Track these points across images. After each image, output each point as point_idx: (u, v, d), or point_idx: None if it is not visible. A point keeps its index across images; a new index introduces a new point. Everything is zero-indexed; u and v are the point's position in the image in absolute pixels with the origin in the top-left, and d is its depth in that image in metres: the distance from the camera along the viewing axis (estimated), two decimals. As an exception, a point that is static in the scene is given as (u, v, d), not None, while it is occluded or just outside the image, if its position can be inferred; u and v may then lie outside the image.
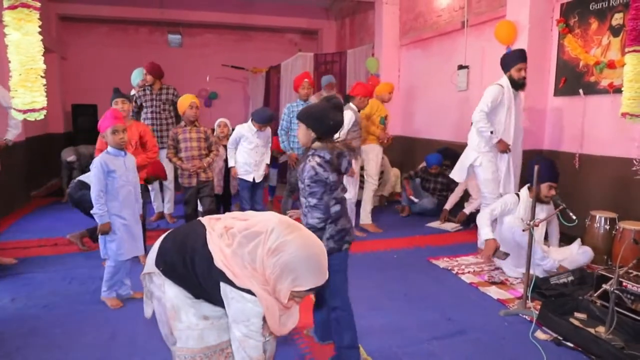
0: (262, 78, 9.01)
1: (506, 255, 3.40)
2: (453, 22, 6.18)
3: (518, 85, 4.05)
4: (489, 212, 3.61)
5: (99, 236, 3.10)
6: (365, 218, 5.12)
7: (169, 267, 1.74)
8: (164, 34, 9.98)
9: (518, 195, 3.67)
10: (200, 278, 1.66)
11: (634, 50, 2.51)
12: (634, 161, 3.95)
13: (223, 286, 1.59)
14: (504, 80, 4.03)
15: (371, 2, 7.70)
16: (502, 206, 3.64)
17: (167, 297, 1.73)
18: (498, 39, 4.80)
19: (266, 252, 1.56)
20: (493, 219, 3.61)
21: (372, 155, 5.09)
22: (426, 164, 5.79)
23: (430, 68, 6.71)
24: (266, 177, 4.90)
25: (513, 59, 4.04)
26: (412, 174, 5.92)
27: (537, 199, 3.23)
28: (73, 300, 3.24)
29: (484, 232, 3.51)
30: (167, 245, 1.80)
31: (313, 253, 1.56)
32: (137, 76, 5.29)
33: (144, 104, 5.08)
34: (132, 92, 5.34)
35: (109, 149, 3.06)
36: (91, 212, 3.02)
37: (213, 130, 4.84)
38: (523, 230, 2.93)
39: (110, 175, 2.99)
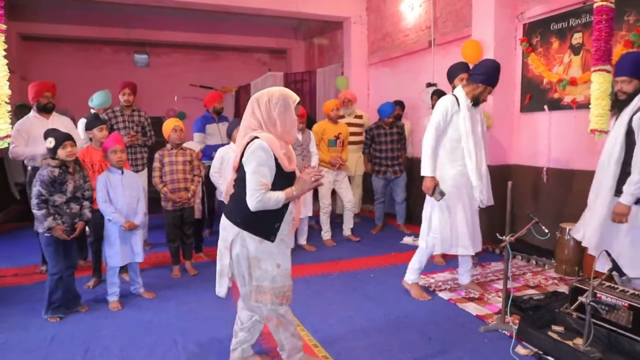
0: (231, 98, 8.95)
1: (442, 195, 3.36)
2: (420, 42, 6.32)
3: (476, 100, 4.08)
4: (434, 133, 3.40)
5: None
6: (324, 234, 5.33)
7: (235, 212, 2.25)
8: (130, 53, 9.81)
9: (455, 96, 3.46)
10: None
11: (600, 70, 2.60)
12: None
13: (244, 159, 2.16)
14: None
15: (339, 22, 7.81)
16: (444, 116, 3.39)
17: (249, 251, 2.22)
18: (465, 58, 4.92)
19: (266, 104, 2.19)
20: (439, 140, 3.43)
21: (322, 180, 5.12)
22: (381, 115, 5.58)
23: (399, 86, 6.82)
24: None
25: (456, 70, 4.10)
26: (364, 148, 5.80)
27: (476, 101, 3.44)
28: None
29: (425, 164, 3.39)
30: (228, 209, 2.31)
31: (282, 88, 2.30)
32: (103, 98, 5.05)
33: (114, 127, 4.87)
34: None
35: (110, 167, 3.55)
36: (108, 218, 3.46)
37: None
38: (501, 245, 2.94)
39: (110, 190, 3.46)
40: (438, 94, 5.12)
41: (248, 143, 2.17)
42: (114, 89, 5.17)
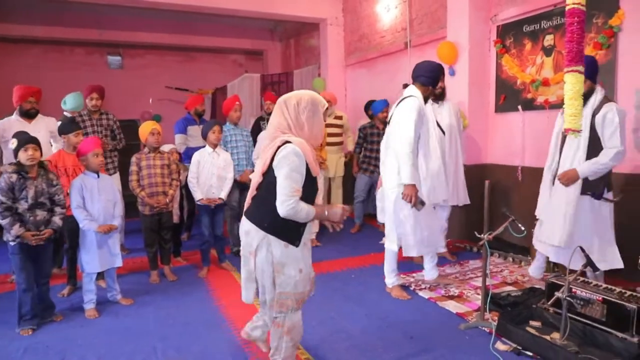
0: (207, 99, 8.85)
1: (422, 204, 3.33)
2: (396, 43, 6.38)
3: (436, 96, 4.20)
4: (413, 137, 3.26)
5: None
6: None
7: (261, 217, 2.22)
8: (103, 55, 9.61)
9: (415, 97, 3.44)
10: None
11: (572, 70, 2.68)
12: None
13: (276, 162, 2.14)
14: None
15: (316, 23, 7.81)
16: (417, 121, 3.30)
17: (274, 256, 2.19)
18: (441, 59, 5.00)
19: (295, 107, 2.20)
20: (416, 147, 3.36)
21: None
22: (374, 112, 5.61)
23: (375, 87, 6.86)
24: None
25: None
26: (357, 147, 5.79)
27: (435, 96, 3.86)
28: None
29: (406, 171, 3.24)
30: (252, 213, 2.27)
31: (311, 92, 2.31)
32: (77, 100, 4.91)
33: (82, 131, 4.74)
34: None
35: (85, 171, 3.45)
36: (81, 225, 3.36)
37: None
38: (479, 243, 2.99)
39: (85, 195, 3.37)
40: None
41: (279, 147, 2.15)
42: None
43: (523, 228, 3.26)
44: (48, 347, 2.91)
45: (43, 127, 4.32)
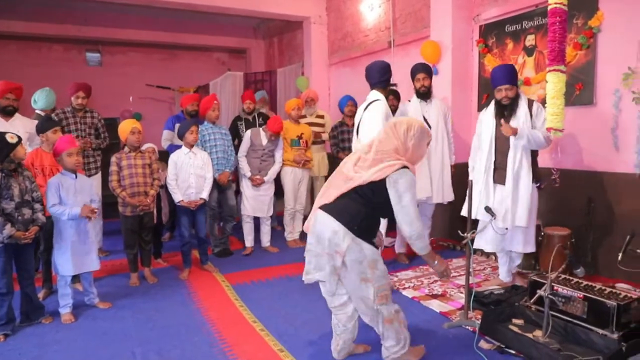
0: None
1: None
2: (380, 42, 6.37)
3: (420, 94, 4.33)
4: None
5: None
6: (288, 235, 5.32)
7: (352, 220, 2.32)
8: (81, 52, 9.40)
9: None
10: (375, 199, 2.34)
11: (554, 70, 2.69)
12: (552, 170, 4.24)
13: (389, 184, 2.30)
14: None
15: (299, 22, 7.77)
16: (384, 121, 3.63)
17: (365, 255, 2.33)
18: (425, 58, 5.00)
19: (404, 133, 2.37)
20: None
21: (286, 180, 5.12)
22: (340, 108, 5.53)
23: (359, 86, 6.78)
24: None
25: (412, 71, 4.39)
26: (334, 149, 5.56)
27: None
28: None
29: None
30: (341, 214, 2.34)
31: (421, 122, 2.52)
32: (48, 98, 4.67)
33: (65, 129, 4.61)
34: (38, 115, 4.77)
35: (62, 170, 3.37)
36: (64, 218, 3.23)
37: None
38: (463, 242, 2.99)
39: (62, 194, 3.26)
40: (394, 94, 5.20)
41: (398, 169, 2.31)
42: (64, 89, 4.89)
43: (506, 228, 3.30)
44: (21, 355, 2.81)
45: (20, 127, 4.13)
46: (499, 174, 3.53)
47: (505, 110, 3.49)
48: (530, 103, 3.49)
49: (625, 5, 3.73)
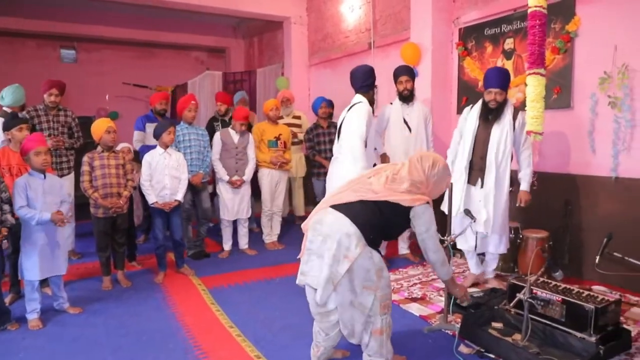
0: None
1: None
2: (360, 44, 6.35)
3: (402, 97, 4.36)
4: (360, 138, 3.79)
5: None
6: (266, 237, 5.22)
7: (369, 227, 2.33)
8: (55, 48, 9.14)
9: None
10: (393, 219, 2.42)
11: (534, 73, 2.69)
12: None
13: (415, 213, 2.39)
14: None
15: (279, 22, 7.70)
16: (367, 123, 3.78)
17: (374, 262, 2.33)
18: (405, 60, 5.00)
19: (428, 169, 2.43)
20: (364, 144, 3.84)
21: (264, 182, 5.06)
22: (314, 110, 5.52)
23: (339, 87, 6.78)
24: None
25: (395, 74, 4.41)
26: (311, 151, 5.51)
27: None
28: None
29: (360, 163, 3.70)
30: (361, 221, 2.32)
31: (445, 161, 2.57)
32: (16, 94, 4.44)
33: (37, 127, 4.44)
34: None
35: (30, 170, 3.24)
36: (33, 222, 3.09)
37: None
38: (443, 245, 2.97)
39: (30, 195, 3.14)
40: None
41: (423, 204, 2.40)
42: (37, 86, 4.70)
43: (486, 232, 3.30)
44: (-16, 363, 2.69)
45: None
46: (474, 176, 3.55)
47: (490, 115, 3.51)
48: (515, 113, 3.50)
49: (602, 10, 3.79)
